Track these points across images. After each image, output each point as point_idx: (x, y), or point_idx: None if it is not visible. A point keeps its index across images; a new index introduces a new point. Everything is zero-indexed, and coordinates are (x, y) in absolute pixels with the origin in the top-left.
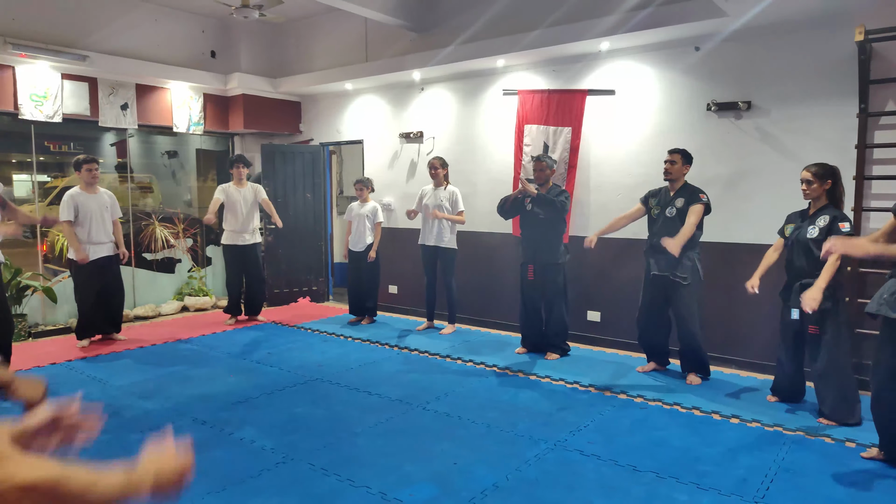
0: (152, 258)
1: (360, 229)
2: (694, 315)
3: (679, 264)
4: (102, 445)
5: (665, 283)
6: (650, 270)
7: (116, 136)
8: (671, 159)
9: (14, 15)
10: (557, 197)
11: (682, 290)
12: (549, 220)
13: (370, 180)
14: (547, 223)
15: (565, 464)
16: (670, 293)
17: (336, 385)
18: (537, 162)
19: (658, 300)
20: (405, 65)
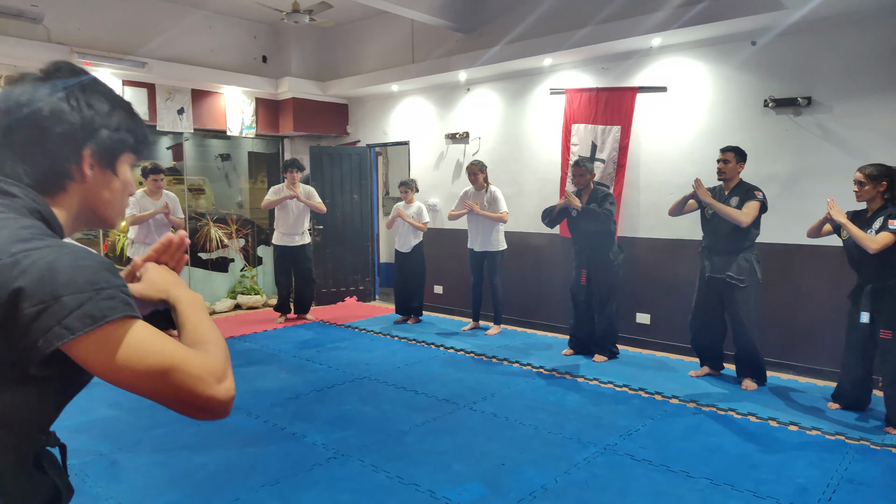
0: (207, 257)
1: (406, 230)
2: (751, 318)
3: (735, 265)
4: (161, 438)
5: (720, 285)
6: (705, 272)
7: (172, 139)
8: (724, 158)
9: (80, 25)
10: (601, 205)
11: (739, 293)
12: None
13: (414, 182)
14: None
15: (616, 468)
16: (726, 296)
17: (384, 384)
18: (576, 167)
19: (712, 303)
20: (451, 66)
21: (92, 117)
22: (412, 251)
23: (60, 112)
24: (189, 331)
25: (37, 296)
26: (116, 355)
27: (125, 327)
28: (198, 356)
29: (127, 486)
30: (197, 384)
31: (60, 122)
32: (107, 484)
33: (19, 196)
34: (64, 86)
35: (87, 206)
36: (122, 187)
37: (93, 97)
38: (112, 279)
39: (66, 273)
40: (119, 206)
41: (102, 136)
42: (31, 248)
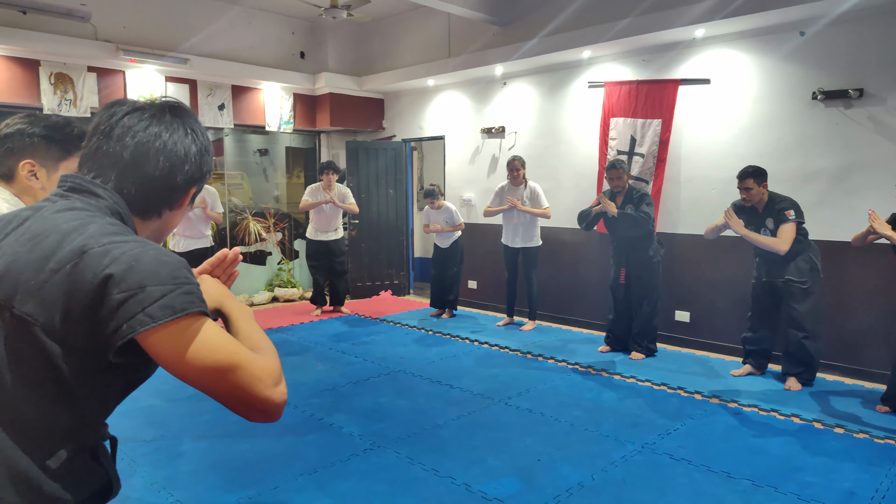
0: (246, 251)
1: (442, 232)
2: (814, 318)
3: (795, 268)
4: (202, 426)
5: (779, 288)
6: (761, 277)
7: (213, 135)
8: (745, 186)
9: (124, 23)
10: (638, 206)
11: (801, 294)
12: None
13: (437, 188)
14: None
15: (654, 467)
16: (786, 297)
17: (418, 377)
18: (613, 170)
19: (771, 304)
20: (488, 59)
21: (204, 164)
22: (451, 246)
23: (187, 156)
24: (243, 339)
25: (125, 283)
26: (188, 347)
27: (199, 322)
28: (259, 359)
29: (172, 471)
30: (256, 384)
31: (185, 164)
32: (153, 469)
33: (104, 197)
34: (190, 130)
35: (161, 228)
36: (182, 214)
37: (204, 141)
38: (190, 276)
39: (152, 266)
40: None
41: (193, 176)
42: (120, 240)
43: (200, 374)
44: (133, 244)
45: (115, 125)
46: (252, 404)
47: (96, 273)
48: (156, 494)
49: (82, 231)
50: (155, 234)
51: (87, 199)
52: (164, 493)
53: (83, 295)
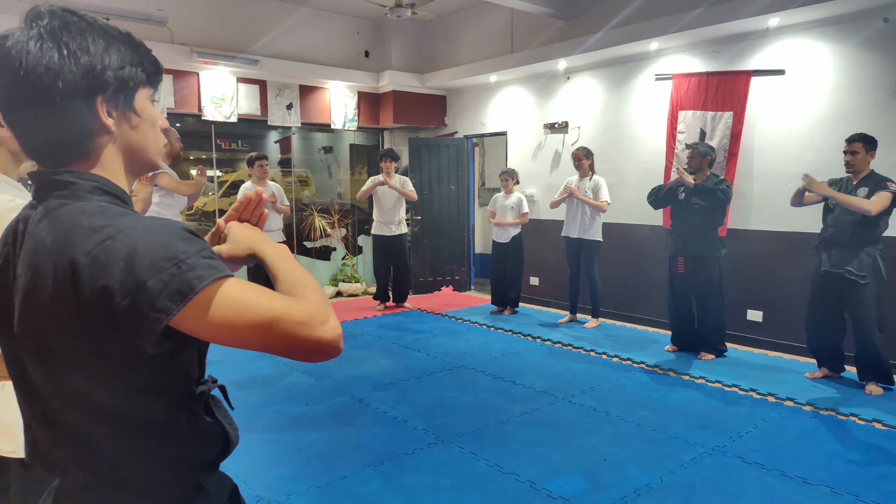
0: (311, 246)
1: (506, 220)
2: (872, 318)
3: (856, 260)
4: (272, 417)
5: (839, 281)
6: (821, 266)
7: (280, 133)
8: (851, 149)
9: (199, 26)
10: (718, 185)
11: (860, 290)
12: (703, 211)
13: (515, 171)
14: (701, 213)
15: (725, 470)
16: (845, 293)
17: (481, 373)
18: (691, 150)
19: (831, 300)
20: (551, 54)
21: (90, 62)
22: (511, 241)
23: (54, 66)
24: (283, 280)
25: (123, 288)
26: (217, 318)
27: (216, 290)
28: (296, 302)
29: (244, 459)
30: (302, 329)
31: (59, 77)
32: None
33: (74, 181)
34: (49, 33)
35: (124, 156)
36: (148, 124)
37: (84, 39)
38: (189, 247)
39: (145, 256)
40: (153, 144)
41: (108, 80)
42: (104, 238)
43: (242, 338)
44: (120, 237)
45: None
46: (305, 348)
47: (91, 288)
48: None
49: (64, 240)
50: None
51: (60, 192)
52: (237, 480)
53: (92, 311)
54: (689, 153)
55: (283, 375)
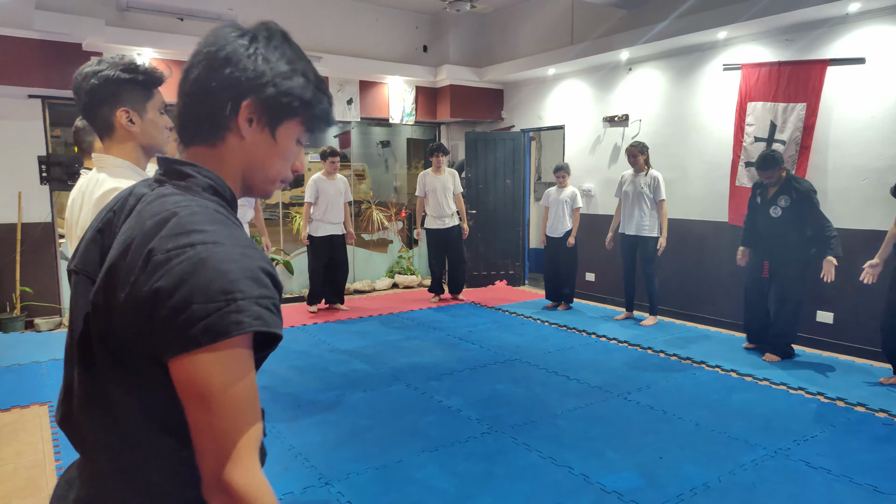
0: (369, 238)
1: (559, 215)
2: None
3: None
4: (331, 401)
5: None
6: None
7: (340, 128)
8: None
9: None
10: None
11: None
12: (794, 218)
13: (569, 166)
14: (792, 219)
15: (788, 473)
16: None
17: (535, 367)
18: (764, 171)
19: None
20: (613, 45)
21: (264, 71)
22: (564, 236)
23: (233, 57)
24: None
25: (171, 299)
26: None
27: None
28: (256, 432)
29: (306, 439)
30: (232, 458)
31: (229, 65)
32: (289, 437)
33: (193, 175)
34: (250, 35)
35: (240, 164)
36: (280, 156)
37: (275, 53)
38: (252, 288)
39: (205, 277)
40: (273, 174)
41: (268, 93)
42: (188, 243)
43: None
44: (201, 248)
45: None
46: (214, 474)
47: (150, 286)
48: (293, 460)
49: (158, 229)
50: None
51: (178, 181)
52: (301, 458)
53: (142, 308)
54: (765, 174)
55: (342, 362)
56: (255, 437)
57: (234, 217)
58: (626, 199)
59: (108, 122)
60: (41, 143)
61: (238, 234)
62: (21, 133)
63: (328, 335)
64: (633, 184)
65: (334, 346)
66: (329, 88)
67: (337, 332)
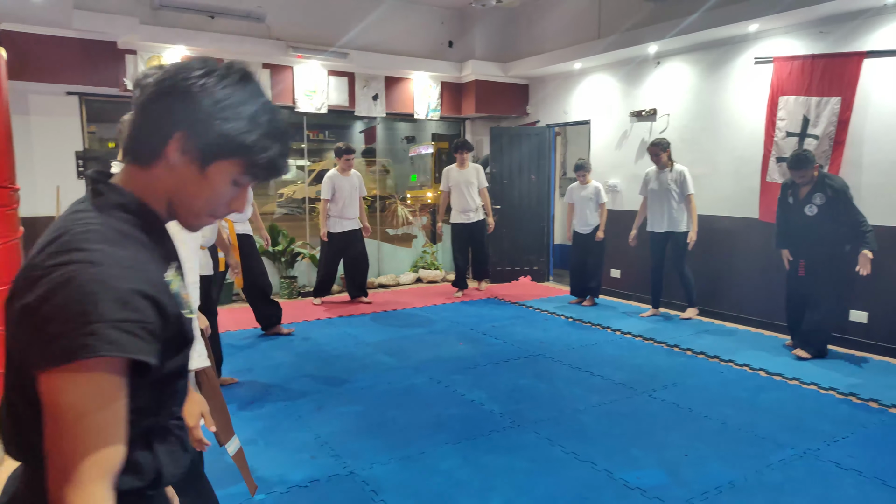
0: (394, 233)
1: (585, 211)
2: None
3: None
4: (356, 391)
5: None
6: None
7: (365, 123)
8: None
9: (293, 21)
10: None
11: None
12: (830, 215)
13: (589, 164)
14: (828, 216)
15: (817, 473)
16: None
17: (558, 362)
18: (798, 171)
19: None
20: (641, 38)
21: (205, 108)
22: (592, 232)
23: (178, 88)
24: None
25: (35, 316)
26: (63, 398)
27: (91, 367)
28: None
29: (331, 429)
30: (72, 479)
31: (172, 96)
32: (317, 425)
33: (104, 193)
34: (206, 71)
35: (166, 191)
36: (208, 192)
37: (224, 93)
38: (113, 312)
39: (66, 297)
40: (197, 208)
41: (202, 130)
42: (64, 261)
43: (48, 421)
44: (74, 266)
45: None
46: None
47: (23, 301)
48: (319, 449)
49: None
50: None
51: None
52: (327, 447)
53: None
54: (798, 174)
55: (366, 355)
56: (106, 464)
57: (147, 236)
58: (653, 197)
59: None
60: (78, 139)
61: (131, 254)
62: (59, 129)
63: (353, 328)
64: (659, 181)
65: (360, 338)
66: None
67: (362, 326)
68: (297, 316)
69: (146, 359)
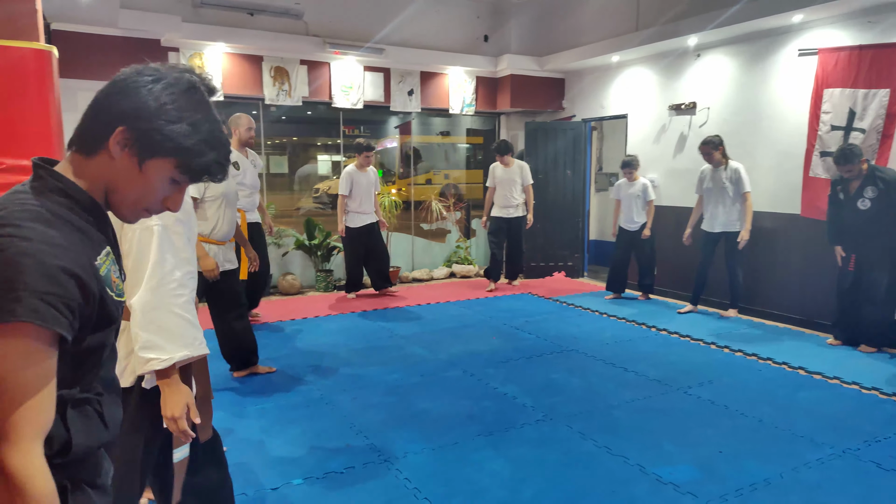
0: (428, 228)
1: (632, 208)
2: None
3: None
4: (391, 383)
5: None
6: None
7: (400, 119)
8: None
9: (330, 18)
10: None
11: None
12: (884, 207)
13: (635, 158)
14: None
15: (856, 473)
16: None
17: (592, 358)
18: (843, 166)
19: None
20: (681, 30)
21: (149, 108)
22: (639, 229)
23: (129, 87)
24: None
25: None
26: None
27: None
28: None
29: (367, 419)
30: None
31: (122, 93)
32: (351, 416)
33: (44, 178)
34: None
35: (105, 180)
36: (143, 186)
37: (171, 97)
38: (39, 283)
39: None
40: (131, 200)
41: (143, 127)
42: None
43: None
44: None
45: None
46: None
47: None
48: (354, 437)
49: None
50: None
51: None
52: (361, 436)
53: None
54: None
55: (400, 347)
56: (37, 423)
57: (82, 220)
58: (708, 196)
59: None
60: None
61: (61, 235)
62: None
63: (388, 321)
64: (713, 179)
65: (394, 331)
66: (391, 79)
67: (396, 318)
68: (334, 308)
69: (62, 331)
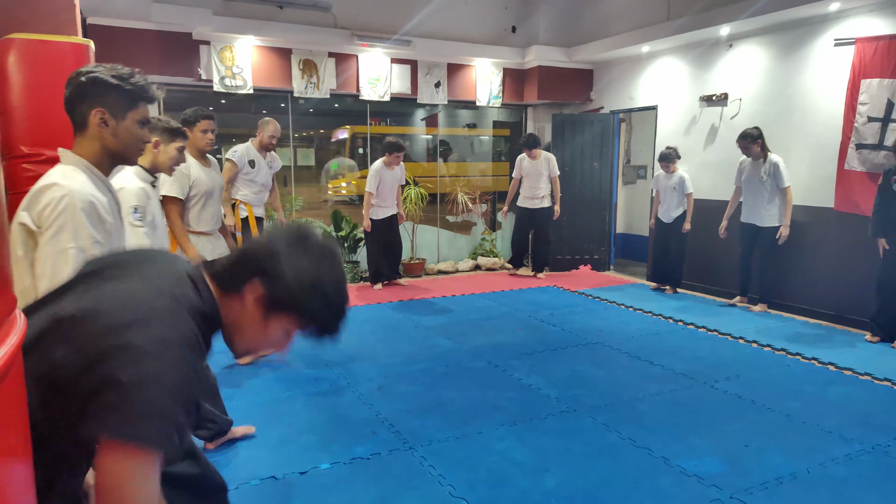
0: (453, 220)
1: (670, 201)
2: None
3: None
4: (416, 373)
5: None
6: None
7: (427, 111)
8: None
9: (358, 10)
10: None
11: None
12: None
13: (674, 151)
14: None
15: (886, 470)
16: None
17: (617, 351)
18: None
19: None
20: (713, 20)
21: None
22: (675, 221)
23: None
24: None
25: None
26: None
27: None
28: None
29: (393, 407)
30: None
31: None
32: (377, 403)
33: (201, 293)
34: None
35: (232, 320)
36: (262, 335)
37: (310, 263)
38: (174, 413)
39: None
40: (247, 340)
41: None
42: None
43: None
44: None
45: None
46: None
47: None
48: (379, 425)
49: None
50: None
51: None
52: (386, 424)
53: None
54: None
55: (426, 338)
56: None
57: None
58: (746, 188)
59: (84, 118)
60: None
61: (199, 360)
62: None
63: (413, 313)
64: (751, 172)
65: (419, 322)
66: (418, 72)
67: (421, 310)
68: (360, 299)
69: (173, 457)
